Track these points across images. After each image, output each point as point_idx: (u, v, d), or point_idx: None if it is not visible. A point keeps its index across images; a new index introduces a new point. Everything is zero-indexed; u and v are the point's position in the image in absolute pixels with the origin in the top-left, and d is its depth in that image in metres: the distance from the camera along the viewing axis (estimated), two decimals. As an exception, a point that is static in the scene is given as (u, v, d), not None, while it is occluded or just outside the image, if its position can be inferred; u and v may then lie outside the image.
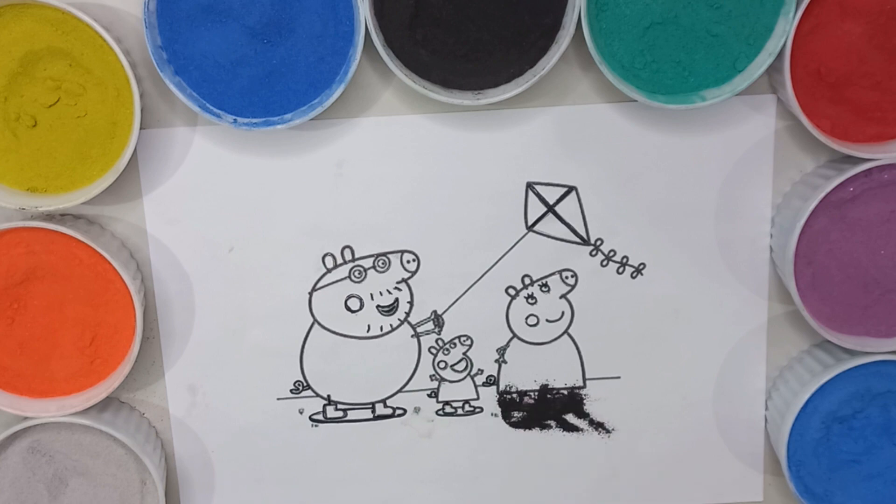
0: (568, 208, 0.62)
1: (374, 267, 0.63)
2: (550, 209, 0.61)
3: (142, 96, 0.57)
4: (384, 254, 0.62)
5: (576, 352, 0.65)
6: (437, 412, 0.66)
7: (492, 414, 0.66)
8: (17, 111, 0.57)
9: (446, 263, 0.63)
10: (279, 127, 0.57)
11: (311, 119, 0.57)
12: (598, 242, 0.63)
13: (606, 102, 0.61)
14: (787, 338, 0.65)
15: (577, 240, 0.63)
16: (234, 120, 0.57)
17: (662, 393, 0.66)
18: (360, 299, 0.63)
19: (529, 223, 0.62)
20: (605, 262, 0.63)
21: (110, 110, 0.57)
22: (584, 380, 0.65)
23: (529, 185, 0.62)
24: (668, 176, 0.62)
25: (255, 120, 0.57)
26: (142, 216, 0.61)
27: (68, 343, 0.60)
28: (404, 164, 0.61)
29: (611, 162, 0.62)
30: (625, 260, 0.63)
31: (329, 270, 0.63)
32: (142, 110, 0.56)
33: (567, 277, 0.63)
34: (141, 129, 0.57)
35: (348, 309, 0.63)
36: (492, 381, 0.65)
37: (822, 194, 0.58)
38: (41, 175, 0.58)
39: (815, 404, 0.62)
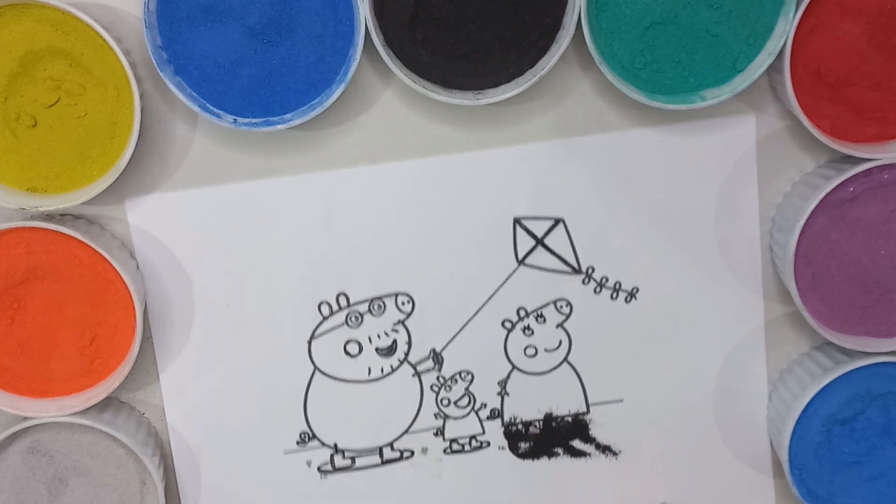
0: (557, 239, 0.63)
1: (369, 311, 0.63)
2: (539, 242, 0.62)
3: (142, 96, 0.57)
4: (378, 298, 0.63)
5: (577, 378, 0.65)
6: (444, 450, 0.65)
7: (499, 447, 0.66)
8: (17, 111, 0.57)
9: (441, 302, 0.63)
10: (279, 127, 0.57)
11: (311, 119, 0.57)
12: (590, 270, 0.63)
13: (606, 102, 0.61)
14: (787, 339, 0.65)
15: (569, 269, 0.63)
16: (234, 120, 0.57)
17: (665, 409, 0.66)
18: (359, 343, 0.63)
19: (520, 257, 0.62)
20: (598, 290, 0.63)
21: (110, 110, 0.57)
22: (588, 405, 0.65)
23: (517, 221, 0.62)
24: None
25: (255, 120, 0.57)
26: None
27: (68, 343, 0.60)
28: (391, 210, 0.62)
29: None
30: (617, 286, 0.64)
31: (326, 318, 0.63)
32: (142, 110, 0.56)
33: (561, 307, 0.64)
34: (141, 129, 0.57)
35: (348, 354, 0.63)
36: (496, 414, 0.65)
37: (822, 194, 0.58)
38: (41, 175, 0.58)
39: (816, 407, 0.62)
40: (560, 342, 0.64)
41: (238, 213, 0.61)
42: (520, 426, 0.65)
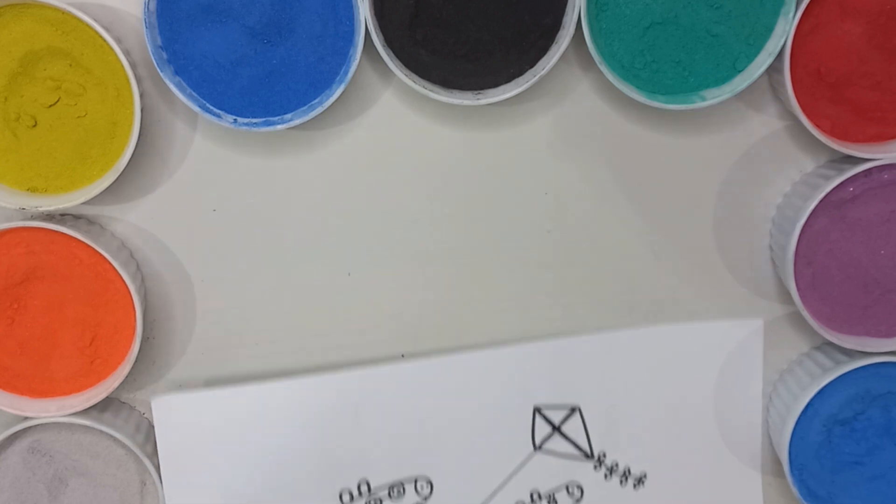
0: (572, 426, 0.64)
1: (388, 496, 0.64)
2: (556, 430, 0.63)
3: (142, 96, 0.57)
4: (399, 482, 0.63)
5: None
6: None
7: None
8: (17, 111, 0.57)
9: (458, 485, 0.64)
10: (279, 127, 0.57)
11: (311, 119, 0.57)
12: (602, 456, 0.64)
13: (606, 102, 0.61)
14: (787, 339, 0.65)
15: (581, 455, 0.64)
16: (234, 120, 0.57)
17: None
18: None
19: (537, 444, 0.64)
20: (608, 475, 0.65)
21: (110, 110, 0.57)
22: None
23: (536, 410, 0.63)
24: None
25: (255, 120, 0.57)
26: (142, 216, 0.61)
27: (68, 343, 0.60)
28: (417, 404, 0.63)
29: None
30: (626, 472, 0.65)
31: None
32: (142, 110, 0.56)
33: (573, 491, 0.64)
34: (141, 129, 0.57)
35: None
36: None
37: (822, 194, 0.58)
38: (41, 175, 0.58)
39: (816, 407, 0.62)
40: None
41: (263, 411, 0.62)
42: None
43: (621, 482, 0.65)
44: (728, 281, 0.64)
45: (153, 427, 0.64)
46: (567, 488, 0.65)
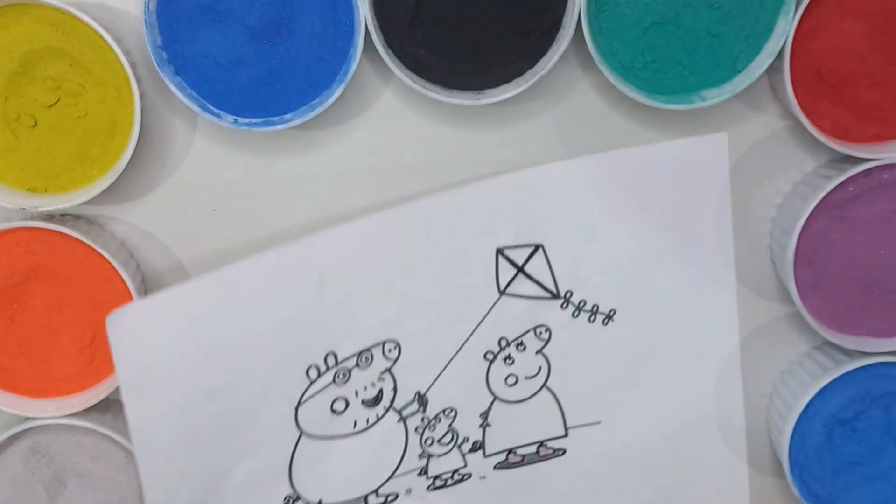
0: (535, 265, 0.62)
1: (357, 365, 0.60)
2: (520, 270, 0.61)
3: (142, 96, 0.57)
4: (366, 349, 0.61)
5: (556, 403, 0.65)
6: (427, 488, 0.65)
7: (480, 477, 0.65)
8: (17, 111, 0.57)
9: (426, 343, 0.61)
10: (279, 127, 0.57)
11: (311, 119, 0.57)
12: (568, 295, 0.62)
13: (606, 102, 0.61)
14: (787, 339, 0.65)
15: (547, 294, 0.62)
16: (234, 120, 0.57)
17: (642, 433, 0.66)
18: (346, 400, 0.61)
19: (501, 287, 0.61)
20: (576, 314, 0.63)
21: (110, 110, 0.57)
22: (566, 429, 0.65)
23: (499, 251, 0.61)
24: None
25: (255, 120, 0.57)
26: (142, 216, 0.61)
27: (68, 343, 0.60)
28: (380, 262, 0.59)
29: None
30: (595, 308, 0.63)
31: (313, 381, 0.60)
32: (142, 110, 0.56)
33: (540, 333, 0.63)
34: (141, 129, 0.57)
35: (334, 412, 0.61)
36: (478, 446, 0.65)
37: (822, 194, 0.58)
38: (41, 175, 0.58)
39: (816, 407, 0.62)
40: (539, 368, 0.64)
41: (223, 300, 0.57)
42: (503, 453, 0.65)
43: (590, 319, 0.63)
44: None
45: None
46: (535, 331, 0.62)
